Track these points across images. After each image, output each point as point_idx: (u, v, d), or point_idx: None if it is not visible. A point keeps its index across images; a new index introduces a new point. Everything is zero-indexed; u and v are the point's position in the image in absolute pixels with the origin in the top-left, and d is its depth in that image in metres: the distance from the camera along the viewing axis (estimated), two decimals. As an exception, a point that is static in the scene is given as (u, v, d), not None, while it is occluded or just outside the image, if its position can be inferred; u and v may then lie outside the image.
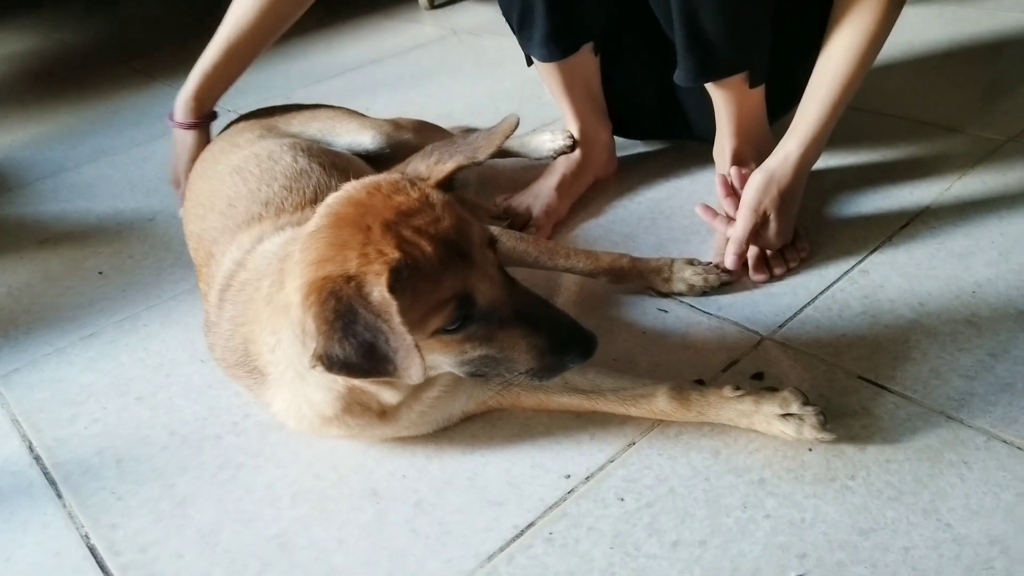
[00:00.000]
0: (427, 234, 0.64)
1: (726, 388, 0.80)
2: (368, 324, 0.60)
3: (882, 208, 1.14)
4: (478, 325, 0.67)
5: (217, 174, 1.01)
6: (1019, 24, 1.71)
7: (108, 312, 1.12)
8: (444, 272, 0.64)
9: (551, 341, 0.69)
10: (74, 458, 0.88)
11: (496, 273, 0.68)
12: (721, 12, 0.96)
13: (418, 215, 0.65)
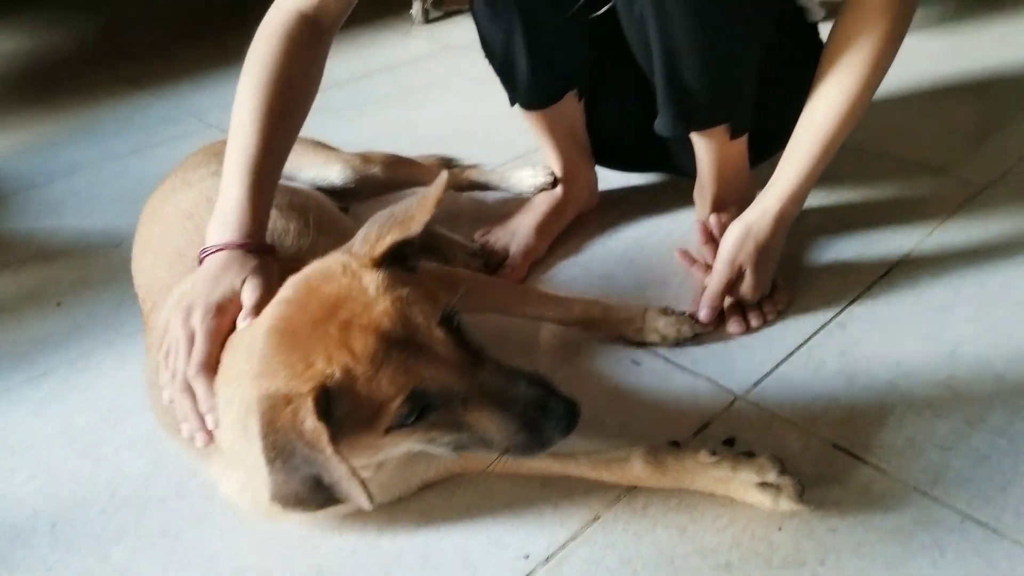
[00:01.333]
0: (360, 327, 0.60)
1: (702, 453, 0.78)
2: (306, 457, 0.57)
3: (862, 255, 1.12)
4: (439, 413, 0.63)
5: (166, 217, 0.96)
6: (1007, 59, 1.69)
7: (62, 348, 1.09)
8: (383, 368, 0.60)
9: (524, 419, 0.64)
10: (6, 520, 0.84)
11: (451, 353, 0.63)
12: (701, 66, 0.94)
13: (348, 306, 0.61)
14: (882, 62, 0.93)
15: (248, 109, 0.86)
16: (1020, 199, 1.20)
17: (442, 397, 0.62)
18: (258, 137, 0.85)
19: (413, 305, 0.63)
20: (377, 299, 0.62)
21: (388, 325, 0.61)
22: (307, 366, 0.59)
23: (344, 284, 0.63)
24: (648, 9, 0.90)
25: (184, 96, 1.94)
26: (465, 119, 1.68)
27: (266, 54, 0.89)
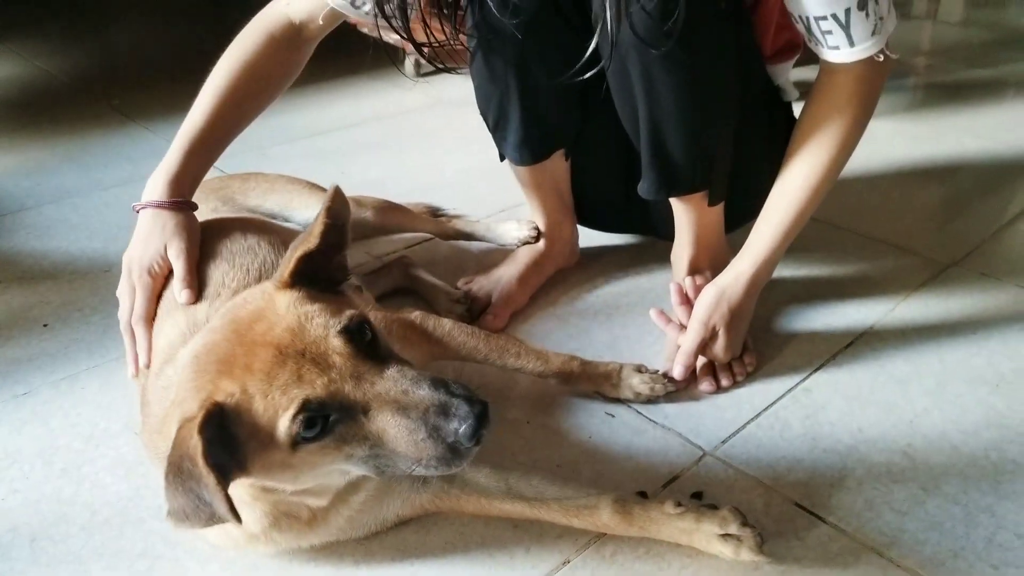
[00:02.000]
0: (262, 344, 0.62)
1: (668, 504, 0.81)
2: (190, 473, 0.57)
3: (829, 325, 1.17)
4: (345, 425, 0.61)
5: None
6: (971, 148, 1.79)
7: (47, 370, 1.10)
8: (275, 381, 0.60)
9: (425, 423, 0.61)
10: (-12, 532, 0.85)
11: (346, 362, 0.62)
12: (684, 137, 1.00)
13: (258, 326, 0.63)
14: (849, 142, 1.00)
15: (211, 87, 1.02)
16: (979, 281, 1.27)
17: (340, 407, 0.61)
18: (209, 114, 1.00)
19: (315, 318, 0.63)
20: (283, 317, 0.63)
21: (287, 339, 0.61)
22: (214, 388, 0.61)
23: (259, 306, 0.65)
24: (638, 82, 0.96)
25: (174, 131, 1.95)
26: (453, 171, 1.73)
27: (244, 45, 1.04)
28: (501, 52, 1.02)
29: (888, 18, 0.94)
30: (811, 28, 0.94)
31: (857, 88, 0.98)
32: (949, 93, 2.18)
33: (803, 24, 0.95)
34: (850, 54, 0.94)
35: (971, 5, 3.35)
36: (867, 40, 0.93)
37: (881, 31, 0.93)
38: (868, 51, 0.94)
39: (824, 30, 0.93)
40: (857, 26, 0.92)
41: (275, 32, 1.04)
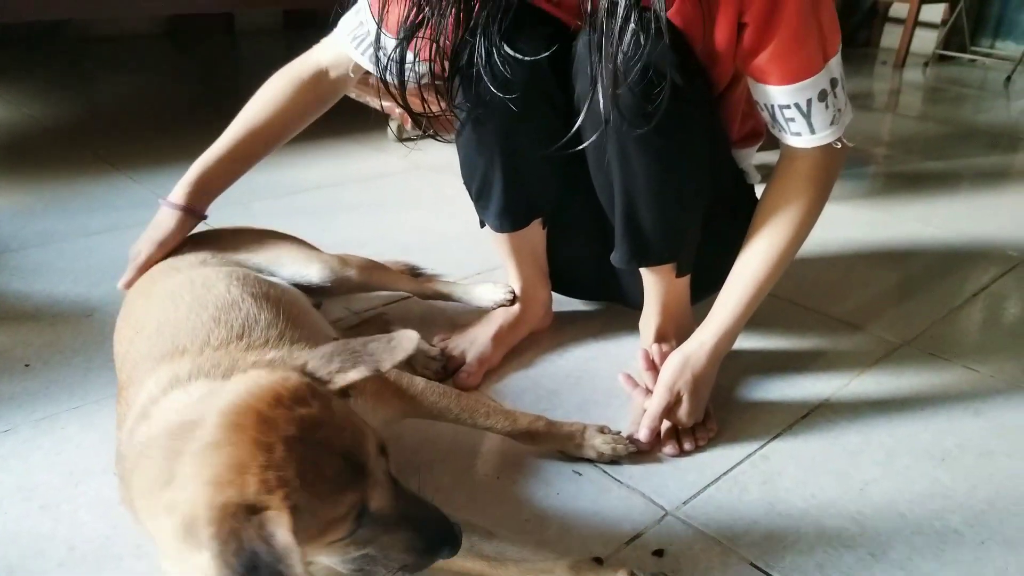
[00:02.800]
0: (328, 449, 0.64)
1: (620, 572, 0.84)
2: (271, 568, 0.58)
3: (786, 396, 1.23)
4: (365, 529, 0.67)
5: (153, 295, 1.01)
6: (925, 235, 1.89)
7: (28, 409, 1.11)
8: (343, 489, 0.64)
9: (428, 541, 0.70)
10: (-34, 564, 0.86)
11: (387, 480, 0.69)
12: (656, 212, 1.07)
13: (320, 429, 0.65)
14: (806, 223, 1.07)
15: (239, 116, 1.21)
16: (929, 361, 1.34)
17: (375, 518, 0.67)
18: (232, 137, 1.20)
19: (367, 437, 0.68)
20: (344, 426, 0.67)
21: (353, 449, 0.66)
22: (280, 483, 0.60)
23: (316, 408, 0.66)
24: (614, 158, 1.03)
25: (160, 182, 1.99)
26: (432, 233, 1.79)
27: (273, 82, 1.22)
28: (487, 125, 1.08)
29: (845, 110, 1.03)
30: (775, 116, 1.02)
31: (816, 172, 1.06)
32: (906, 182, 2.31)
33: (768, 112, 1.03)
34: (811, 140, 1.02)
35: (928, 101, 3.55)
36: (827, 128, 1.01)
37: (839, 121, 1.02)
38: (827, 138, 1.02)
39: (787, 118, 1.01)
40: (817, 116, 1.00)
41: (303, 74, 1.21)
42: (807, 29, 0.96)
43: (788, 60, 0.97)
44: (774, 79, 0.99)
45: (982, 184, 2.35)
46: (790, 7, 0.94)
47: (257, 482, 0.60)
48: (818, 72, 0.98)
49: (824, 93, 0.99)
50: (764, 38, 0.96)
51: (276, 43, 4.05)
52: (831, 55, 0.99)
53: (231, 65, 3.73)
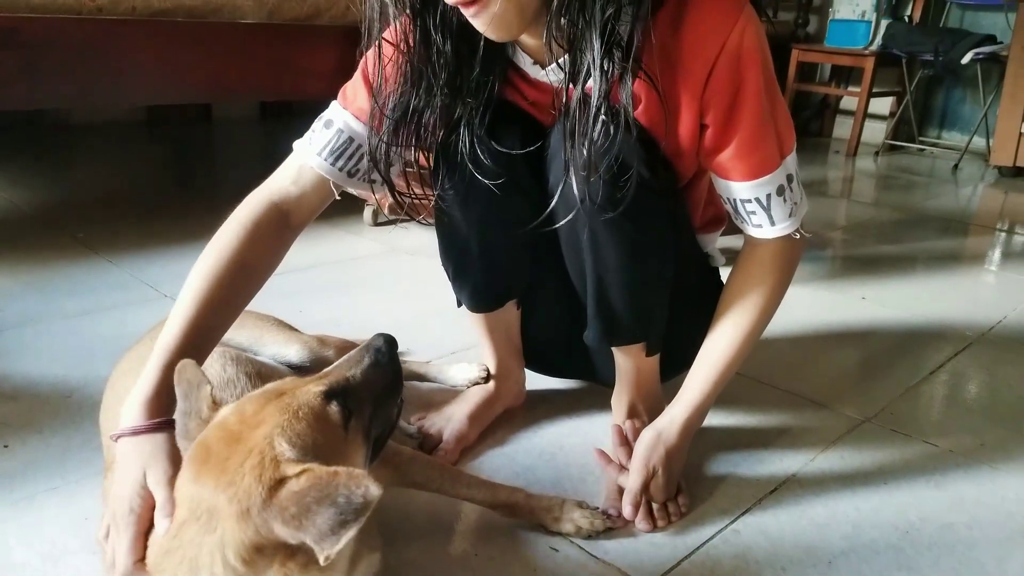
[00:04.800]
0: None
1: None
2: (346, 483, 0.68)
3: (755, 472, 1.27)
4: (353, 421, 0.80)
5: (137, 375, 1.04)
6: (882, 315, 1.97)
7: (6, 489, 1.11)
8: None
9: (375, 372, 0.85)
10: (-56, 644, 0.85)
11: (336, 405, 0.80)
12: (626, 294, 1.13)
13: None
14: (769, 306, 1.14)
15: (192, 290, 0.96)
16: (890, 437, 1.39)
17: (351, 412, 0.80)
18: (188, 322, 0.93)
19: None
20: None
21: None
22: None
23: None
24: (586, 243, 1.09)
25: (139, 266, 2.03)
26: (406, 314, 1.83)
27: (228, 237, 1.01)
28: (465, 211, 1.14)
29: (801, 203, 1.10)
30: (737, 208, 1.10)
31: (777, 259, 1.13)
32: (862, 265, 2.41)
33: (731, 205, 1.11)
34: (771, 231, 1.09)
35: (881, 188, 3.72)
36: (785, 220, 1.08)
37: (796, 213, 1.09)
38: (786, 230, 1.09)
39: (749, 211, 1.09)
40: (776, 208, 1.07)
41: (259, 220, 1.05)
42: (764, 130, 1.04)
43: (748, 159, 1.05)
44: (735, 175, 1.07)
45: (936, 266, 2.46)
46: (747, 111, 1.02)
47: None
48: (775, 169, 1.05)
49: (782, 188, 1.07)
50: (724, 139, 1.04)
51: (253, 132, 4.15)
52: (787, 153, 1.07)
53: (209, 153, 3.80)
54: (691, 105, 1.02)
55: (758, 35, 0.99)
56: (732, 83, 1.00)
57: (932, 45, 3.92)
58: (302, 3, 2.28)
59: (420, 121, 1.06)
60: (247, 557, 0.69)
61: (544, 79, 1.07)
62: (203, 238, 1.00)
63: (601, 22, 0.91)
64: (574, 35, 0.93)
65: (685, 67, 1.00)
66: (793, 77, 4.42)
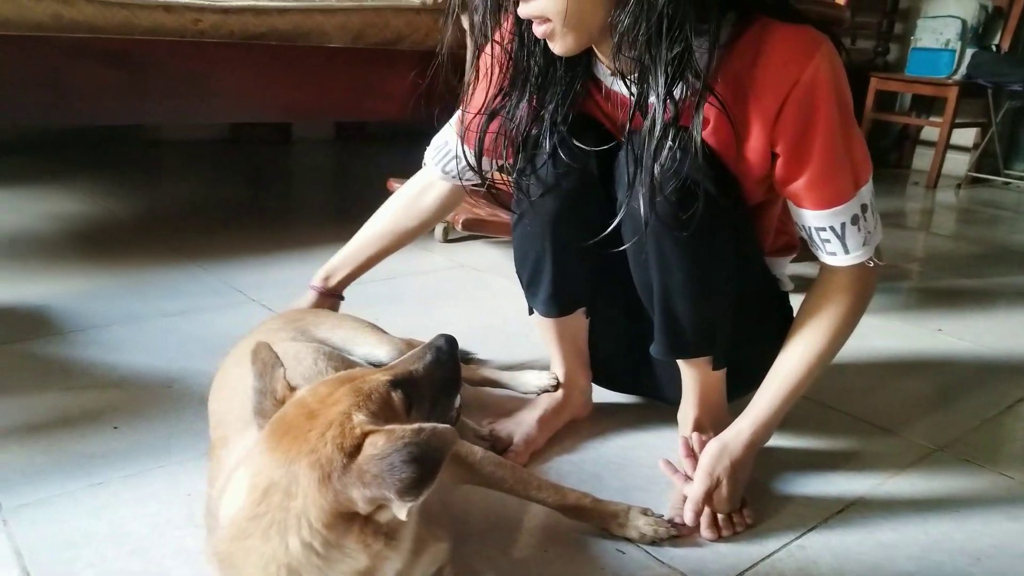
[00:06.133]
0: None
1: None
2: (429, 439, 0.75)
3: (821, 492, 1.28)
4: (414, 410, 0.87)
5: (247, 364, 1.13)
6: (958, 348, 1.95)
7: (117, 466, 1.21)
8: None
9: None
10: (67, 599, 0.94)
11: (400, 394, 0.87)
12: (692, 309, 1.17)
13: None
14: (843, 330, 1.16)
15: (375, 218, 1.48)
16: (962, 466, 1.39)
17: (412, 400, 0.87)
18: (363, 235, 1.48)
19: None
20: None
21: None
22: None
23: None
24: (652, 257, 1.13)
25: (229, 272, 2.14)
26: (474, 325, 1.89)
27: (405, 191, 1.46)
28: (540, 219, 1.21)
29: (875, 232, 1.13)
30: (812, 236, 1.13)
31: (851, 286, 1.15)
32: (939, 298, 2.38)
33: (806, 232, 1.14)
34: (845, 259, 1.12)
35: (961, 221, 3.64)
36: (859, 249, 1.11)
37: (870, 242, 1.12)
38: (860, 258, 1.12)
39: (823, 238, 1.12)
40: (850, 237, 1.10)
41: (429, 180, 1.43)
42: (837, 163, 1.07)
43: (821, 190, 1.08)
44: (808, 204, 1.10)
45: (1017, 302, 2.41)
46: (819, 144, 1.05)
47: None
48: (850, 199, 1.08)
49: (856, 218, 1.09)
50: (796, 170, 1.08)
51: (328, 153, 4.31)
52: (862, 183, 1.09)
53: (287, 171, 3.97)
54: (761, 133, 1.06)
55: (834, 71, 1.03)
56: (804, 116, 1.04)
57: (1021, 75, 3.84)
58: (384, 29, 2.38)
59: (512, 112, 1.16)
60: (328, 522, 0.75)
61: (620, 90, 1.14)
62: (283, 249, 1.10)
63: (667, 45, 0.97)
64: (642, 55, 0.99)
65: (758, 96, 1.04)
66: (871, 106, 4.37)
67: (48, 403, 1.39)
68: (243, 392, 1.04)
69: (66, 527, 1.07)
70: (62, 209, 2.69)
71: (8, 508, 1.10)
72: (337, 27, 2.27)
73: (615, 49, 1.01)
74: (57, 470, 1.19)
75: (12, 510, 1.10)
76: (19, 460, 1.22)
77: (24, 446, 1.25)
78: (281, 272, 2.16)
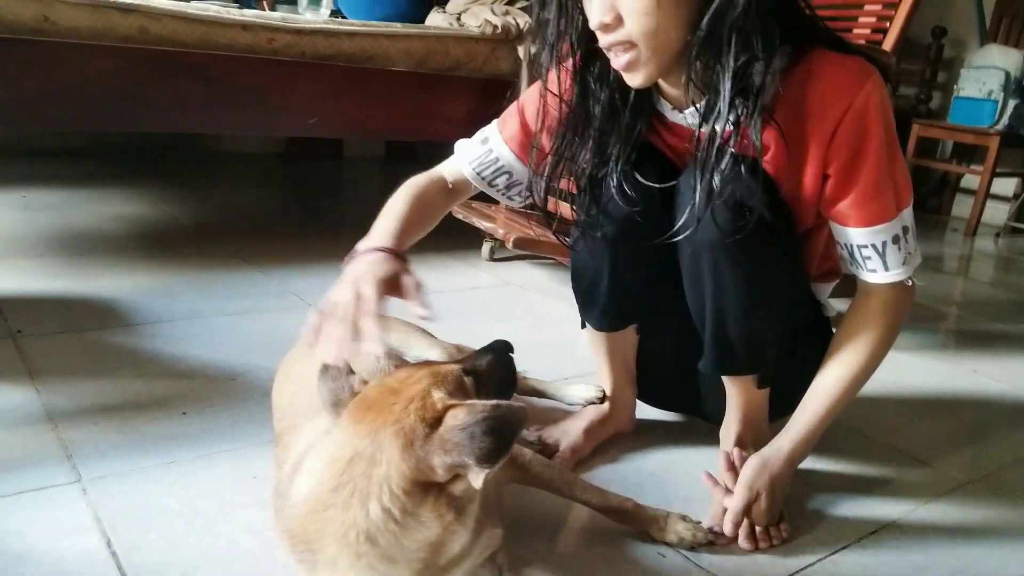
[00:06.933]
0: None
1: None
2: (505, 417, 0.83)
3: (855, 513, 1.32)
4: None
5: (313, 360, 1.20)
6: (993, 389, 1.97)
7: (187, 447, 1.29)
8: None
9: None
10: (144, 561, 1.01)
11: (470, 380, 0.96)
12: (743, 326, 1.22)
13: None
14: (879, 350, 1.21)
15: (397, 199, 1.27)
16: (995, 499, 1.41)
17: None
18: (400, 210, 1.23)
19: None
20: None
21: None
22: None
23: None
24: (708, 275, 1.19)
25: (287, 277, 2.23)
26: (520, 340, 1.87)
27: (414, 184, 1.31)
28: (601, 238, 1.27)
29: (915, 254, 1.19)
30: (854, 254, 1.18)
31: (888, 305, 1.21)
32: (976, 341, 2.40)
33: (847, 251, 1.19)
34: (885, 276, 1.18)
35: (1000, 269, 3.64)
36: (899, 267, 1.17)
37: (909, 263, 1.18)
38: (900, 276, 1.18)
39: (864, 256, 1.17)
40: (891, 255, 1.16)
41: (434, 179, 1.35)
42: (882, 183, 1.13)
43: (865, 207, 1.14)
44: (852, 222, 1.16)
45: (1054, 350, 2.42)
46: (868, 164, 1.12)
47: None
48: (892, 219, 1.15)
49: (897, 238, 1.16)
50: (844, 189, 1.14)
51: (378, 171, 4.44)
52: (903, 206, 1.16)
53: (338, 186, 4.10)
54: (817, 156, 1.13)
55: (883, 98, 1.11)
56: (855, 138, 1.11)
57: (1062, 130, 3.86)
58: (445, 56, 2.49)
59: (575, 156, 1.21)
60: (408, 489, 0.82)
61: (682, 122, 1.21)
62: (338, 260, 1.16)
63: (733, 68, 1.04)
64: (709, 78, 1.06)
65: (814, 121, 1.11)
66: (912, 152, 4.40)
67: (119, 387, 1.47)
68: (308, 385, 1.12)
69: (140, 500, 1.15)
70: (127, 211, 2.81)
71: (87, 478, 1.18)
72: (401, 52, 2.37)
73: (688, 64, 1.07)
74: (130, 448, 1.27)
75: (91, 480, 1.18)
76: (94, 436, 1.30)
77: (98, 424, 1.33)
78: (337, 280, 2.22)
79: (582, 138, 1.21)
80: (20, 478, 1.16)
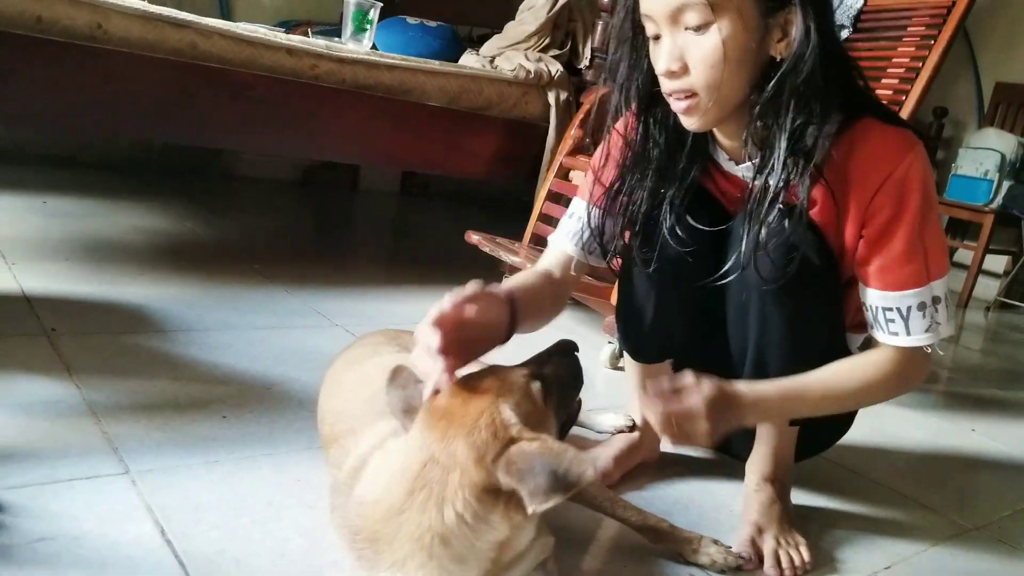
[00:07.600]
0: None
1: None
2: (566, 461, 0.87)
3: (867, 550, 1.38)
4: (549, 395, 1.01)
5: (364, 369, 1.24)
6: (990, 448, 2.04)
7: (228, 448, 1.32)
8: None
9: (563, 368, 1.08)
10: (199, 550, 1.04)
11: (537, 386, 1.01)
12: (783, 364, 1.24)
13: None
14: (870, 392, 1.21)
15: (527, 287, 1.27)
16: (997, 547, 1.47)
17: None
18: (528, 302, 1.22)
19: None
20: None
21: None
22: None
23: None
24: (753, 315, 1.24)
25: (312, 297, 2.25)
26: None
27: (516, 275, 1.33)
28: (651, 275, 1.32)
29: (944, 325, 1.16)
30: (876, 316, 1.19)
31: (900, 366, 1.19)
32: (971, 403, 2.46)
33: (872, 313, 1.20)
34: (906, 340, 1.17)
35: (991, 340, 3.74)
36: (922, 333, 1.16)
37: (934, 331, 1.16)
38: (920, 341, 1.16)
39: (888, 318, 1.18)
40: (915, 320, 1.16)
41: (533, 271, 1.35)
42: (912, 251, 1.16)
43: (892, 273, 1.17)
44: (876, 284, 1.18)
45: (1049, 415, 2.49)
46: (900, 231, 1.15)
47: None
48: (920, 287, 1.16)
49: (923, 305, 1.16)
50: (874, 251, 1.18)
51: (392, 203, 4.51)
52: (934, 276, 1.17)
53: (351, 217, 4.16)
54: (856, 216, 1.18)
55: (924, 170, 1.16)
56: (893, 205, 1.15)
57: (1053, 212, 4.00)
58: (478, 95, 2.58)
59: (631, 197, 1.28)
60: (479, 496, 0.87)
61: (737, 173, 1.27)
62: (358, 285, 1.23)
63: (790, 129, 1.11)
64: (766, 136, 1.13)
65: (856, 184, 1.17)
66: (908, 222, 4.52)
67: (157, 388, 1.50)
68: (364, 392, 1.16)
69: (188, 494, 1.18)
70: (147, 224, 2.85)
71: (135, 471, 1.21)
72: (437, 88, 2.46)
73: (751, 122, 1.14)
74: (174, 446, 1.30)
75: (138, 473, 1.21)
76: (137, 432, 1.32)
77: (139, 422, 1.36)
78: (359, 304, 2.29)
79: (641, 177, 1.28)
80: (70, 466, 1.19)
